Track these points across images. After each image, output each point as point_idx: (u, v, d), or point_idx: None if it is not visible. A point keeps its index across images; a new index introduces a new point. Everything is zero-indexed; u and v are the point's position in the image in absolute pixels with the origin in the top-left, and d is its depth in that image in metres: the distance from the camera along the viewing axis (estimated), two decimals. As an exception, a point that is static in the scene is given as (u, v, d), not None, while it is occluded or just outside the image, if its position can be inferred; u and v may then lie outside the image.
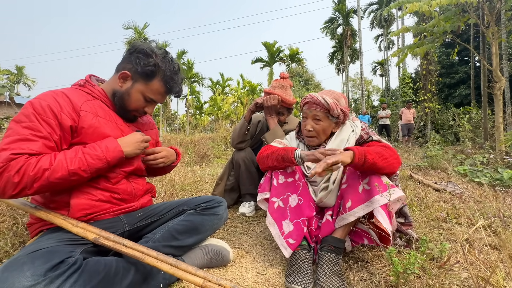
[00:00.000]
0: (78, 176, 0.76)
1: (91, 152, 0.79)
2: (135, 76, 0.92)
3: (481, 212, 1.74)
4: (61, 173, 0.72)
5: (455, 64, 15.75)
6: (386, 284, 0.91)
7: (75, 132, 0.82)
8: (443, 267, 0.95)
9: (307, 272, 0.94)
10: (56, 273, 0.59)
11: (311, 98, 1.18)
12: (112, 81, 0.96)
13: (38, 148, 0.73)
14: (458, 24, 5.40)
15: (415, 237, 1.20)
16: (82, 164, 0.76)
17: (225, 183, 1.87)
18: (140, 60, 0.90)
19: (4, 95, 8.82)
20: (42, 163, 0.71)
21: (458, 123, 7.04)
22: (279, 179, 1.13)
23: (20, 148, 0.71)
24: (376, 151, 1.00)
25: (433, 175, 3.24)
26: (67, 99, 0.82)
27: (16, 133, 0.73)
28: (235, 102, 20.22)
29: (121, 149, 0.85)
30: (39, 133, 0.75)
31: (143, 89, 0.93)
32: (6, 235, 1.11)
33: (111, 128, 0.90)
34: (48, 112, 0.77)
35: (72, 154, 0.76)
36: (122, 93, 0.93)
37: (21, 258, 0.61)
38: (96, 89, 0.93)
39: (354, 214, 0.97)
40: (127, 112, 0.97)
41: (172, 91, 0.99)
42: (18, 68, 31.80)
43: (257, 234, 1.46)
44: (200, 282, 0.73)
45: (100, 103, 0.91)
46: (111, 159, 0.82)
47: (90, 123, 0.84)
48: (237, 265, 1.10)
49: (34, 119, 0.75)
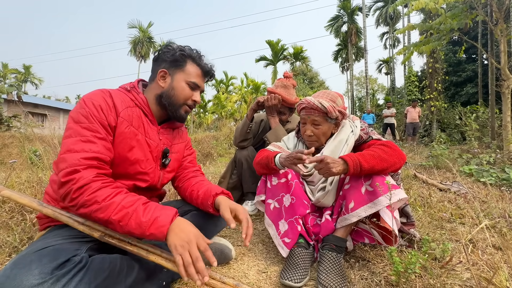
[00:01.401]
0: (113, 226, 0.72)
1: (140, 213, 0.72)
2: (170, 69, 0.95)
3: (486, 212, 1.72)
4: (103, 215, 0.70)
5: (462, 62, 15.49)
6: (387, 283, 0.91)
7: (113, 134, 0.84)
8: (445, 267, 0.95)
9: (300, 269, 0.95)
10: (63, 272, 0.60)
11: (308, 104, 1.16)
12: (153, 88, 0.97)
13: (99, 149, 0.77)
14: (466, 21, 5.31)
15: (417, 236, 1.20)
16: (123, 219, 0.71)
17: (228, 181, 1.88)
18: (167, 53, 0.95)
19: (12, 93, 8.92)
20: (99, 194, 0.70)
21: (464, 122, 6.93)
22: (272, 181, 1.14)
23: (84, 150, 0.74)
24: (373, 155, 0.99)
25: (438, 175, 3.20)
26: (112, 101, 0.85)
27: (78, 134, 0.76)
28: (238, 100, 20.23)
29: (165, 233, 0.72)
30: (98, 134, 0.78)
31: (183, 77, 0.96)
32: (15, 231, 1.14)
33: (138, 142, 0.89)
34: (101, 113, 0.81)
35: (128, 204, 0.72)
36: (167, 91, 0.95)
37: (29, 256, 0.62)
38: (139, 97, 0.94)
39: (357, 215, 0.97)
40: (178, 107, 0.97)
41: (206, 69, 1.01)
42: (26, 67, 32.28)
43: (259, 233, 1.47)
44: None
45: (139, 112, 0.92)
46: (149, 234, 0.72)
47: (122, 131, 0.85)
48: (239, 263, 1.11)
49: (92, 119, 0.79)
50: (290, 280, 0.90)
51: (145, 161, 0.93)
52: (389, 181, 0.97)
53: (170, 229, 0.73)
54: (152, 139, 0.95)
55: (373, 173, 0.99)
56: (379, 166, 0.97)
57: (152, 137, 0.95)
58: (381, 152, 1.00)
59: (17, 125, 8.00)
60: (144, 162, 0.92)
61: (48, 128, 8.01)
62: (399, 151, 1.04)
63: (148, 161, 0.94)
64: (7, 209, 1.27)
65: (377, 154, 0.99)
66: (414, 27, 6.56)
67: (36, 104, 18.73)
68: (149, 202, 0.77)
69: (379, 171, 0.99)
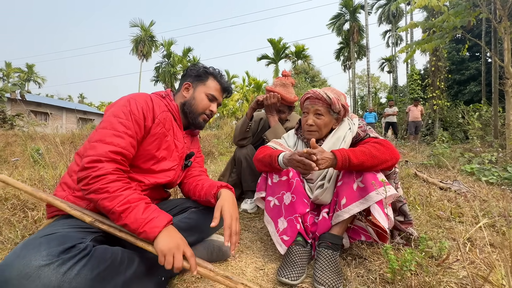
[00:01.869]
0: (113, 216, 0.78)
1: (140, 210, 0.78)
2: (194, 82, 1.12)
3: (485, 211, 1.72)
4: (110, 205, 0.77)
5: (465, 60, 15.36)
6: (383, 280, 0.92)
7: (147, 132, 0.95)
8: (442, 265, 0.95)
9: (297, 267, 0.96)
10: (68, 256, 0.64)
11: (313, 93, 1.19)
12: (178, 98, 1.13)
13: (125, 145, 0.86)
14: (469, 19, 5.26)
15: (415, 235, 1.20)
16: (124, 212, 0.77)
17: (227, 179, 1.89)
18: (193, 70, 1.13)
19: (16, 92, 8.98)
20: (111, 185, 0.78)
21: (467, 120, 6.88)
22: (273, 179, 1.15)
23: (113, 144, 0.84)
24: (364, 151, 1.00)
25: (439, 174, 3.19)
26: (152, 104, 0.98)
27: (112, 127, 0.86)
28: (240, 99, 20.24)
29: (156, 234, 0.77)
30: (129, 131, 0.88)
31: (203, 89, 1.11)
32: (17, 227, 1.16)
33: (167, 142, 1.02)
34: (140, 113, 0.92)
35: (133, 199, 0.79)
36: (189, 100, 1.10)
37: (38, 239, 0.66)
38: (172, 104, 1.08)
39: (349, 211, 0.98)
40: (197, 115, 1.11)
41: (225, 86, 1.17)
42: (29, 66, 32.49)
43: (258, 230, 1.48)
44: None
45: (170, 116, 1.05)
46: (142, 231, 0.77)
47: (156, 131, 0.98)
48: (237, 260, 1.12)
49: (129, 117, 0.90)
50: (287, 277, 0.91)
51: (171, 160, 1.05)
52: (383, 179, 0.98)
53: (161, 232, 0.78)
54: (179, 141, 1.08)
55: (364, 169, 1.00)
56: (369, 162, 0.98)
57: (179, 139, 1.09)
58: (373, 149, 1.01)
59: (20, 124, 8.07)
60: (169, 160, 1.04)
61: (51, 127, 8.07)
62: (393, 149, 1.04)
63: (173, 160, 1.05)
64: (10, 206, 1.29)
65: (368, 151, 1.00)
66: (416, 25, 6.51)
67: (39, 103, 18.88)
68: (151, 203, 0.84)
69: (369, 167, 0.99)
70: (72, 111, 22.56)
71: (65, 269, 0.61)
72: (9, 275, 0.57)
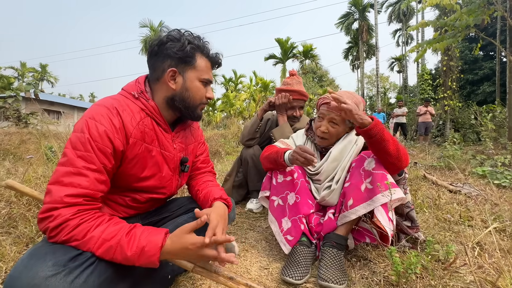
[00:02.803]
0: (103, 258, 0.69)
1: (124, 247, 0.67)
2: (180, 66, 0.84)
3: (496, 215, 1.68)
4: (86, 248, 0.68)
5: (479, 60, 14.92)
6: (387, 283, 0.91)
7: (120, 159, 0.79)
8: (448, 269, 0.94)
9: (301, 266, 0.96)
10: (75, 264, 0.63)
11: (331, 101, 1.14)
12: (160, 90, 0.87)
13: (88, 184, 0.70)
14: (483, 17, 5.11)
15: (422, 238, 1.19)
16: (106, 254, 0.67)
17: (234, 179, 1.92)
18: (174, 47, 0.82)
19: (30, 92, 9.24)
20: (76, 232, 0.67)
21: (480, 121, 6.68)
22: (278, 178, 1.16)
23: (72, 185, 0.68)
24: (393, 138, 0.98)
25: (449, 176, 3.12)
26: (120, 121, 0.77)
27: (70, 164, 0.70)
28: (247, 99, 20.25)
29: (157, 262, 0.68)
30: (92, 165, 0.71)
31: (195, 75, 0.87)
32: (31, 222, 1.21)
33: (153, 159, 0.85)
34: (104, 139, 0.73)
35: (109, 236, 0.68)
36: (180, 93, 0.86)
37: (44, 248, 0.66)
38: (150, 105, 0.84)
39: (356, 212, 0.98)
40: (195, 109, 0.90)
41: (215, 60, 0.93)
42: (42, 66, 33.46)
43: (263, 230, 1.49)
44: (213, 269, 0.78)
45: (151, 122, 0.85)
46: (139, 265, 0.69)
47: (135, 153, 0.81)
48: (242, 259, 1.14)
49: (89, 147, 0.71)
50: (291, 277, 0.92)
51: (162, 176, 0.90)
52: (388, 181, 0.97)
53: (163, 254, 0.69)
54: (167, 151, 0.90)
55: (382, 150, 0.96)
56: (391, 147, 0.95)
57: (168, 148, 0.90)
58: (396, 142, 0.99)
59: (34, 122, 8.32)
60: (160, 177, 0.89)
61: (63, 125, 8.28)
62: (407, 153, 1.04)
63: (165, 175, 0.91)
64: (25, 202, 1.35)
65: (393, 141, 0.98)
66: (427, 24, 6.36)
67: (52, 102, 19.41)
68: (132, 229, 0.70)
69: (387, 151, 0.96)
70: (83, 110, 23.14)
71: (72, 278, 0.61)
72: (19, 286, 0.57)
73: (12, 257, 1.00)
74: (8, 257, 1.00)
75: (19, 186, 0.90)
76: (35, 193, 0.90)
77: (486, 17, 5.09)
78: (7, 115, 8.10)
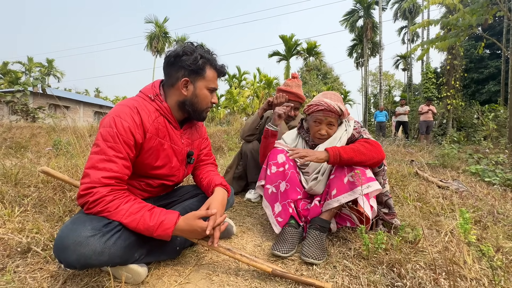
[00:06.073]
0: (126, 226, 0.87)
1: (147, 219, 0.86)
2: (192, 77, 1.00)
3: (476, 208, 1.81)
4: (116, 219, 0.85)
5: (485, 58, 14.77)
6: (359, 256, 1.08)
7: (139, 150, 0.95)
8: (414, 248, 1.10)
9: (288, 243, 1.13)
10: (107, 229, 0.83)
11: (327, 106, 1.27)
12: (174, 94, 1.03)
13: (118, 169, 0.88)
14: (486, 17, 5.15)
15: (398, 224, 1.35)
16: (131, 223, 0.85)
17: (234, 171, 2.09)
18: (188, 60, 0.97)
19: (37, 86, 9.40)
20: (110, 205, 0.84)
21: (481, 121, 6.72)
22: (272, 169, 1.32)
23: (106, 170, 0.85)
24: (354, 148, 1.15)
25: (442, 174, 3.24)
26: (139, 118, 0.93)
27: (103, 153, 0.87)
28: (251, 95, 20.37)
29: (170, 234, 0.87)
30: (120, 154, 0.88)
31: (204, 84, 1.02)
32: (59, 204, 1.40)
33: (165, 151, 1.02)
34: (128, 133, 0.90)
35: (135, 210, 0.86)
36: (190, 99, 1.02)
37: (82, 217, 0.85)
38: (163, 106, 1.01)
39: (338, 201, 1.14)
40: (201, 112, 1.07)
41: (222, 71, 1.08)
42: (49, 61, 33.85)
43: (260, 217, 1.66)
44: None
45: (164, 121, 1.01)
46: (157, 235, 0.86)
47: (151, 146, 0.97)
48: (239, 238, 1.31)
49: (117, 139, 0.88)
50: (279, 251, 1.09)
51: (172, 166, 1.07)
52: (370, 176, 1.13)
53: (174, 230, 0.88)
54: (176, 145, 1.07)
55: (353, 164, 1.15)
56: (357, 158, 1.14)
57: (177, 142, 1.07)
58: (361, 147, 1.16)
59: (42, 116, 8.54)
60: (170, 167, 1.06)
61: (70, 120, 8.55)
62: (379, 148, 1.20)
63: (174, 165, 1.07)
64: (51, 188, 1.54)
65: (357, 148, 1.15)
66: (430, 23, 6.40)
67: (59, 97, 19.75)
68: (154, 208, 0.90)
69: (357, 162, 1.14)
70: (89, 105, 23.54)
71: (105, 239, 0.80)
72: (67, 242, 0.76)
73: (47, 231, 1.18)
74: (44, 230, 1.18)
75: (53, 172, 1.08)
76: (66, 177, 1.09)
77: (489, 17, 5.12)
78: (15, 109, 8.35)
